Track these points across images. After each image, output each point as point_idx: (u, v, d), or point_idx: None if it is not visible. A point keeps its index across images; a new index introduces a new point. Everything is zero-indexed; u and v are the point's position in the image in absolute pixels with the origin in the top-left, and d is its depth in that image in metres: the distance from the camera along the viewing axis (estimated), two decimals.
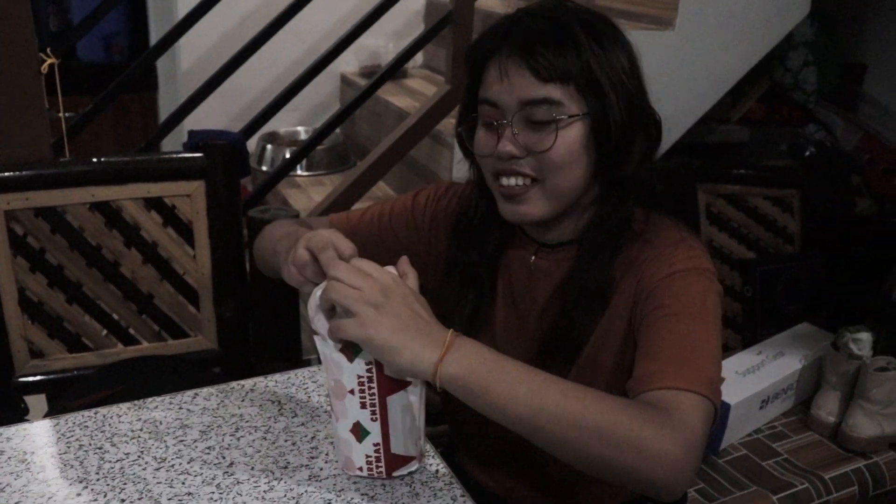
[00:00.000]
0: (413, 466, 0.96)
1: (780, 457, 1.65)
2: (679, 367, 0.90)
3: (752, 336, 2.01)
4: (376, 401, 0.89)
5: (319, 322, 0.89)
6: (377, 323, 0.82)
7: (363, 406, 0.90)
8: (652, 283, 0.99)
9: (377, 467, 0.94)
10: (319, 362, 1.09)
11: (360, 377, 0.88)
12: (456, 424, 1.24)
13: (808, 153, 2.36)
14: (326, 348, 0.89)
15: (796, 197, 2.13)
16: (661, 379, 0.89)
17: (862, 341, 1.72)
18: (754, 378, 1.73)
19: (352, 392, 0.89)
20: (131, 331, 1.75)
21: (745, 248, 2.09)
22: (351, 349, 0.88)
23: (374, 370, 0.88)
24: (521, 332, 1.11)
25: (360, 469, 0.95)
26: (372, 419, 0.90)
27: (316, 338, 0.90)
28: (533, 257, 1.09)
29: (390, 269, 0.91)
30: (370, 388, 0.89)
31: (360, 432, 0.92)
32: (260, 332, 1.73)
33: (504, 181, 1.01)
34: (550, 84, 0.96)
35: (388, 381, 0.89)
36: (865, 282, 2.17)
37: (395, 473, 0.95)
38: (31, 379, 1.68)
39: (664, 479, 0.82)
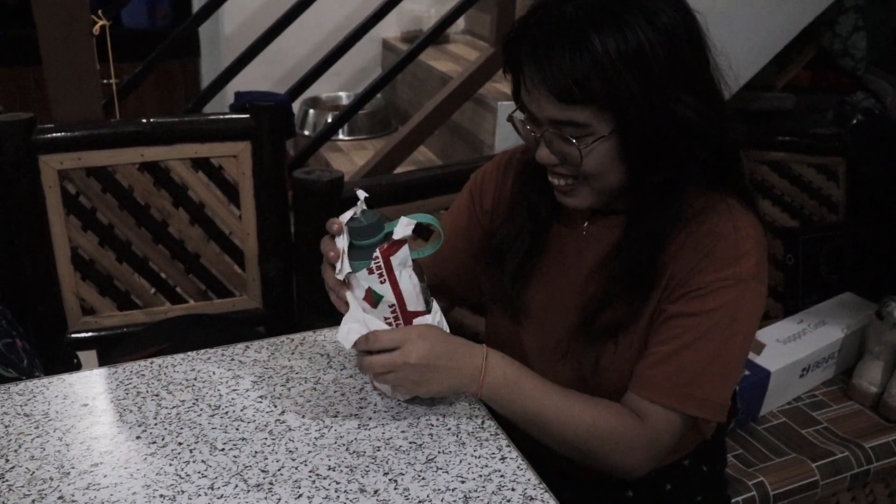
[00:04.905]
0: None
1: (820, 425, 1.65)
2: (679, 387, 1.00)
3: (793, 305, 2.00)
4: None
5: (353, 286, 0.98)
6: (426, 387, 0.98)
7: None
8: (693, 282, 1.00)
9: None
10: None
11: (386, 318, 0.98)
12: None
13: (855, 121, 2.31)
14: (351, 297, 0.98)
15: (842, 165, 2.09)
16: (655, 392, 1.01)
17: None
18: (795, 346, 1.72)
19: None
20: (178, 289, 1.79)
21: (788, 217, 2.07)
22: (373, 296, 0.97)
23: (397, 310, 0.98)
24: (566, 299, 1.11)
25: None
26: None
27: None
28: (586, 222, 1.10)
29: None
30: (397, 325, 0.99)
31: None
32: (303, 292, 1.76)
33: (550, 178, 1.03)
34: (572, 106, 0.93)
35: (412, 316, 0.99)
36: None
37: None
38: (82, 335, 1.73)
39: (625, 477, 1.05)
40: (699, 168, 1.01)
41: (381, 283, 0.96)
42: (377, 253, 0.94)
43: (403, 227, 0.96)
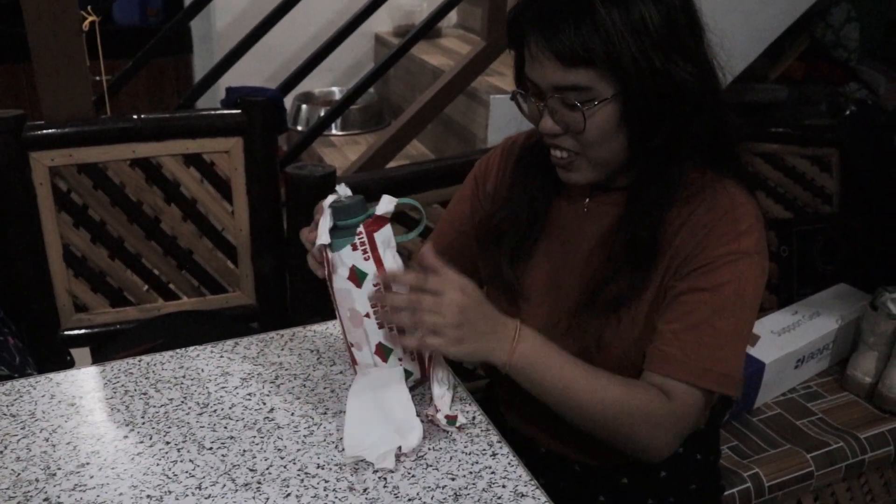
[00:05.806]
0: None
1: (815, 416, 1.65)
2: (698, 361, 1.00)
3: (788, 296, 1.99)
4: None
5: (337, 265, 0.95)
6: (460, 341, 0.93)
7: (381, 326, 0.97)
8: (698, 259, 1.01)
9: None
10: None
11: (370, 297, 0.96)
12: (498, 377, 1.26)
13: (848, 112, 2.30)
14: (337, 282, 0.96)
15: (835, 156, 2.09)
16: (676, 368, 1.00)
17: None
18: (790, 337, 1.72)
19: (367, 316, 0.96)
20: (171, 286, 1.79)
21: (781, 208, 2.07)
22: (357, 275, 0.94)
23: (382, 290, 0.95)
24: (567, 276, 1.12)
25: None
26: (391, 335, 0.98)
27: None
28: (587, 199, 1.12)
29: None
30: (382, 306, 0.95)
31: (384, 352, 0.99)
32: (297, 287, 1.75)
33: (552, 152, 1.05)
34: (575, 69, 0.96)
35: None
36: None
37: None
38: (75, 332, 1.73)
39: (652, 458, 1.03)
40: (696, 142, 1.02)
41: (365, 259, 0.95)
42: (361, 229, 0.94)
43: (386, 204, 0.96)
